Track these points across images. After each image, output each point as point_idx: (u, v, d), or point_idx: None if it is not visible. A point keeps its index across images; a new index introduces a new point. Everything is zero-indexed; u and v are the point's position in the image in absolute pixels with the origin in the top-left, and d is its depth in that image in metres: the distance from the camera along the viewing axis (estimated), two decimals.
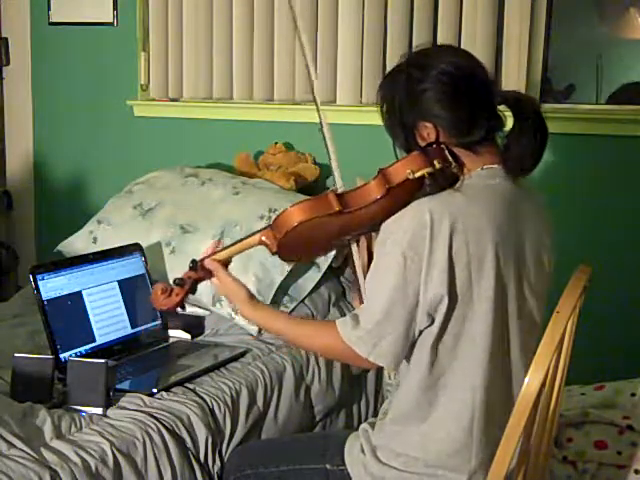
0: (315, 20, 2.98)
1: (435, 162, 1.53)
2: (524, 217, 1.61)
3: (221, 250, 1.72)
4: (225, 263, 1.72)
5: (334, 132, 1.73)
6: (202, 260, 1.72)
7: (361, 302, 1.65)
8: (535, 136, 1.57)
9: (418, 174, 1.52)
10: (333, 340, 1.56)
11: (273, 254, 1.66)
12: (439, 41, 2.79)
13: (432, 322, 1.52)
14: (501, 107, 1.61)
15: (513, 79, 2.74)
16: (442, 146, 1.56)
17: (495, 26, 2.76)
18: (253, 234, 1.68)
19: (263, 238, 1.64)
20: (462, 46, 2.78)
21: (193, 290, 1.75)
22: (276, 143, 3.00)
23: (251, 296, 1.69)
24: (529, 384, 1.38)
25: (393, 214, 1.54)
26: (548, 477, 1.83)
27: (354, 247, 1.71)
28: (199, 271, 1.72)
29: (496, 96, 1.59)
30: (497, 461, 1.42)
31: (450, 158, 1.55)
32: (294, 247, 1.65)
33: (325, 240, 1.71)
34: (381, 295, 1.51)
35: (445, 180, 1.54)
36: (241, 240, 1.71)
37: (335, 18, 2.96)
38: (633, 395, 2.12)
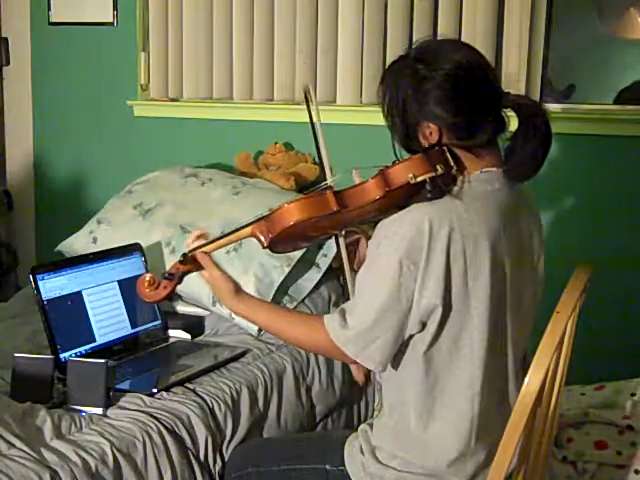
0: (315, 20, 2.99)
1: (438, 167, 1.50)
2: (521, 223, 1.60)
3: (211, 242, 1.70)
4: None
5: (334, 132, 1.73)
6: (192, 252, 1.70)
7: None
8: (540, 145, 1.53)
9: (420, 179, 1.50)
10: (321, 338, 1.54)
11: (264, 248, 1.64)
12: None
13: (423, 328, 1.52)
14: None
15: (513, 79, 2.74)
16: (444, 148, 1.53)
17: (495, 26, 2.75)
18: (244, 227, 1.65)
19: (256, 232, 1.62)
20: None
21: (180, 282, 1.75)
22: (276, 143, 3.00)
23: (237, 289, 1.67)
24: (529, 384, 1.38)
25: (389, 214, 1.52)
26: (548, 477, 1.83)
27: (341, 241, 1.69)
28: (188, 264, 1.70)
29: (504, 100, 1.55)
30: (497, 461, 1.42)
31: (452, 161, 1.53)
32: (286, 242, 1.65)
33: (317, 235, 1.71)
34: (374, 299, 1.50)
35: (446, 184, 1.51)
36: (232, 232, 1.69)
37: (335, 18, 2.96)
38: (633, 395, 2.12)
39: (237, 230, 1.68)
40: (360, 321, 1.51)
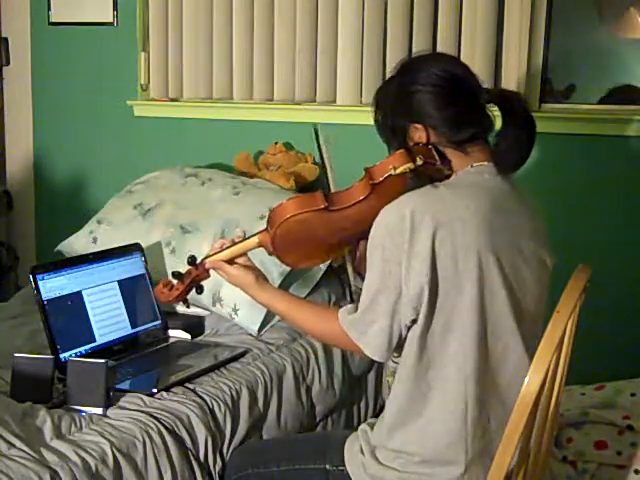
0: (315, 20, 2.99)
1: (417, 158, 1.57)
2: (512, 212, 1.61)
3: (221, 251, 1.79)
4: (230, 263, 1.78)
5: (334, 132, 1.74)
6: (203, 260, 1.80)
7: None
8: (522, 130, 1.60)
9: (400, 170, 1.57)
10: (333, 325, 1.61)
11: (270, 254, 1.71)
12: (439, 41, 2.80)
13: (417, 315, 1.53)
14: (492, 107, 1.64)
15: (513, 79, 2.74)
16: (430, 146, 1.60)
17: (495, 26, 2.76)
18: (252, 236, 1.74)
19: (261, 238, 1.71)
20: (462, 47, 2.79)
21: (198, 289, 1.84)
22: (276, 143, 3.00)
23: (257, 280, 1.76)
24: (529, 384, 1.38)
25: None
26: (548, 477, 1.83)
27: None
28: (199, 269, 1.81)
29: (484, 94, 1.63)
30: (497, 461, 1.42)
31: (436, 156, 1.59)
32: (288, 246, 1.69)
33: (318, 242, 1.72)
34: (369, 286, 1.56)
35: (428, 176, 1.58)
36: (241, 241, 1.78)
37: (335, 18, 2.96)
38: (633, 395, 2.12)
39: (245, 239, 1.77)
40: (360, 307, 1.57)
